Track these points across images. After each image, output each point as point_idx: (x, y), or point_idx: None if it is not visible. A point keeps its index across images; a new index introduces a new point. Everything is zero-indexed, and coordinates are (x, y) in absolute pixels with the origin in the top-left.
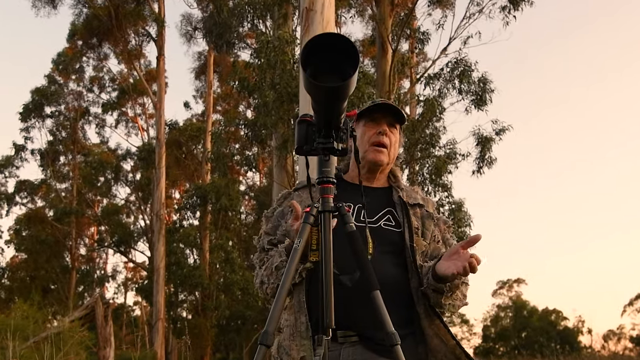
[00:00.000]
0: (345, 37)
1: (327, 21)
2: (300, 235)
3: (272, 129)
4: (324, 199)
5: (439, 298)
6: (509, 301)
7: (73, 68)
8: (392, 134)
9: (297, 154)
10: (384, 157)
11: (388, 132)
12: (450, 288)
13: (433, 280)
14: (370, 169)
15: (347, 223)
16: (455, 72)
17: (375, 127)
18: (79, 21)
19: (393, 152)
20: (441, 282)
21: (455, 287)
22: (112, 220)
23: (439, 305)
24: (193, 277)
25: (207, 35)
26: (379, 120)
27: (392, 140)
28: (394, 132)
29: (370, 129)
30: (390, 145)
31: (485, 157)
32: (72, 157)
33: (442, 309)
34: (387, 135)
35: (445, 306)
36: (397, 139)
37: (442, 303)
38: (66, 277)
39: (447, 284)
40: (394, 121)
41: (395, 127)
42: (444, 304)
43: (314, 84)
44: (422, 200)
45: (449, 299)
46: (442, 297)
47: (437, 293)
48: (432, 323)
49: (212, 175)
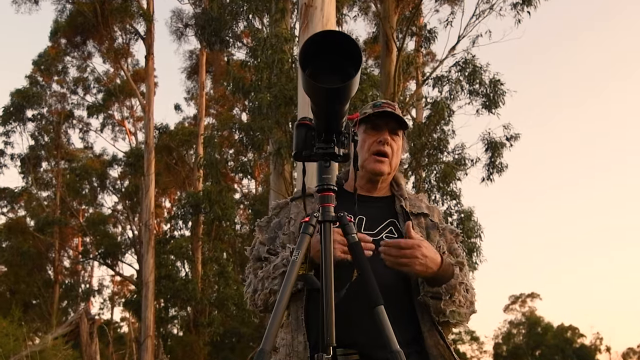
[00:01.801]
0: (347, 35)
1: (327, 18)
2: (299, 247)
3: (268, 133)
4: (324, 208)
5: (438, 304)
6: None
7: (56, 68)
8: (394, 142)
9: (295, 159)
10: (385, 167)
11: (390, 140)
12: (448, 290)
13: (427, 286)
14: (371, 179)
15: (349, 234)
16: (465, 73)
17: (376, 135)
18: (62, 18)
19: (395, 160)
20: (435, 285)
21: (453, 289)
22: (98, 230)
23: (442, 313)
24: (185, 291)
25: (199, 33)
26: (380, 127)
27: (394, 148)
28: (396, 140)
29: (371, 136)
30: (392, 154)
31: (496, 163)
32: (55, 163)
33: (447, 318)
34: (389, 144)
35: (449, 315)
36: (399, 147)
37: (444, 310)
38: (49, 291)
39: (444, 286)
40: (397, 127)
41: (397, 134)
42: (445, 310)
43: (314, 85)
44: (427, 209)
45: (450, 305)
46: (441, 302)
47: (435, 300)
48: (437, 343)
49: (205, 182)
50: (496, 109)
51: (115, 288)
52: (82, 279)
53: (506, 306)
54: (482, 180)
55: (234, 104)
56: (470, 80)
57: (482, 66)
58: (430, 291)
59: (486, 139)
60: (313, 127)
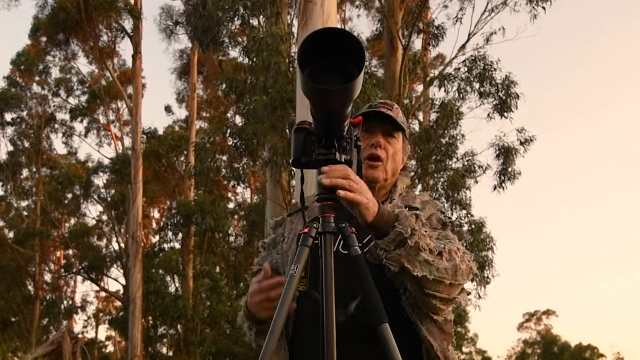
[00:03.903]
0: (349, 32)
1: (328, 14)
2: (297, 260)
3: (263, 138)
4: (324, 219)
5: (402, 258)
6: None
7: (37, 68)
8: (389, 145)
9: (293, 166)
10: (379, 173)
11: (384, 143)
12: (404, 228)
13: (377, 239)
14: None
15: (350, 246)
16: (475, 72)
17: (369, 138)
18: (42, 14)
19: (392, 165)
20: (384, 233)
21: (406, 220)
22: (82, 242)
23: (408, 269)
24: (174, 308)
25: (190, 32)
26: (374, 129)
27: (389, 152)
28: (393, 142)
29: (364, 139)
30: (387, 158)
31: (508, 170)
32: (36, 170)
33: (423, 272)
34: (383, 147)
35: (422, 268)
36: (396, 149)
37: (412, 261)
38: (29, 307)
39: (397, 224)
40: (393, 129)
41: (393, 136)
42: (414, 261)
43: (313, 87)
44: (420, 204)
45: (416, 252)
46: (403, 251)
47: (396, 254)
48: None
49: (196, 191)
50: (509, 112)
51: (100, 304)
52: (65, 295)
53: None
54: (493, 188)
55: (229, 107)
56: (481, 79)
57: (493, 62)
58: (390, 239)
59: (497, 144)
60: (312, 131)
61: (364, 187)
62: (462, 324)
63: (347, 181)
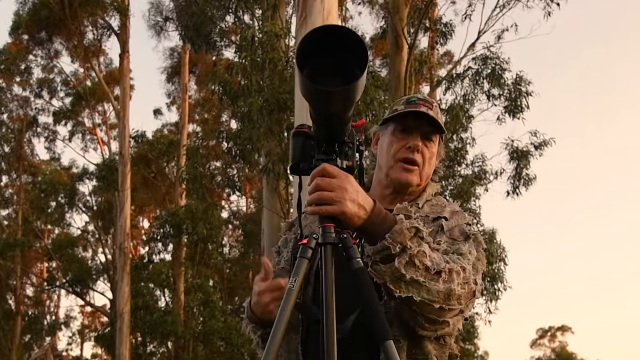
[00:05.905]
0: (350, 30)
1: (328, 11)
2: (296, 273)
3: (259, 143)
4: (324, 229)
5: (393, 270)
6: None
7: (17, 68)
8: (426, 149)
9: (292, 173)
10: (414, 178)
11: (421, 147)
12: (395, 239)
13: (370, 246)
14: (396, 189)
15: (353, 258)
16: (484, 72)
17: (406, 139)
18: (24, 10)
19: (427, 170)
20: (376, 239)
21: (401, 236)
22: (66, 254)
23: (400, 280)
24: (165, 323)
25: (182, 33)
26: (411, 130)
27: (425, 156)
28: (430, 146)
29: (399, 140)
30: (424, 163)
31: (522, 174)
32: (17, 177)
33: (409, 293)
34: (420, 151)
35: (409, 287)
36: (433, 154)
37: (402, 275)
38: (9, 323)
39: (388, 235)
40: (432, 132)
41: (431, 139)
42: (405, 275)
43: (313, 88)
44: (450, 214)
45: (409, 267)
46: (395, 262)
47: (386, 265)
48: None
49: (188, 199)
50: (521, 113)
51: (86, 320)
52: (48, 310)
53: (533, 341)
54: (507, 194)
55: (223, 109)
56: (491, 79)
57: (504, 60)
58: (376, 250)
59: (510, 146)
60: (312, 135)
61: (343, 193)
62: (471, 341)
63: (316, 194)
